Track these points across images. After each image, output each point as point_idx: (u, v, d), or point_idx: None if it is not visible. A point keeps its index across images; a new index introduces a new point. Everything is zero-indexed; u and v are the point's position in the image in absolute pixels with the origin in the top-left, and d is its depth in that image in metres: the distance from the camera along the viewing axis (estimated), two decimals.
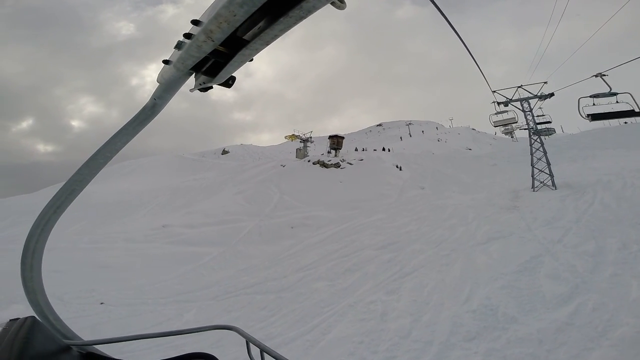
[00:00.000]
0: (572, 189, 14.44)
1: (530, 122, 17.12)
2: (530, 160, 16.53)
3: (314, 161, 24.55)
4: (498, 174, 22.89)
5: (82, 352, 1.17)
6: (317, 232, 15.44)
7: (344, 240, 13.26)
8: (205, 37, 0.72)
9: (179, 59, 0.82)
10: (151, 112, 1.02)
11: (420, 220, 13.64)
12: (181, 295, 10.13)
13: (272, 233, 16.36)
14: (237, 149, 56.94)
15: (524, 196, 14.61)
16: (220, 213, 20.52)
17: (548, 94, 16.63)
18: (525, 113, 17.22)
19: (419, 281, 8.36)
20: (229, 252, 14.72)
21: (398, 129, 61.72)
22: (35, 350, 0.89)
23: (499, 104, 17.99)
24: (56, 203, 1.14)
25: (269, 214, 18.67)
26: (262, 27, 0.72)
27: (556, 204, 12.50)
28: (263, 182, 23.87)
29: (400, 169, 23.49)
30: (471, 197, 16.56)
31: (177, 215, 22.72)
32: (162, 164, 48.75)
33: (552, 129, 25.09)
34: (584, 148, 25.44)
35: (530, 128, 17.14)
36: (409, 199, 17.90)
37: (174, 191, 30.54)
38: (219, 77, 0.86)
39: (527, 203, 13.37)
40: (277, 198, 20.49)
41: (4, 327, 0.96)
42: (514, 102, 17.60)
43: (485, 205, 14.16)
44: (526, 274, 7.74)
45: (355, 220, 15.75)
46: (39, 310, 1.23)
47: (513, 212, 12.39)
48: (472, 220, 12.36)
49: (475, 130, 55.81)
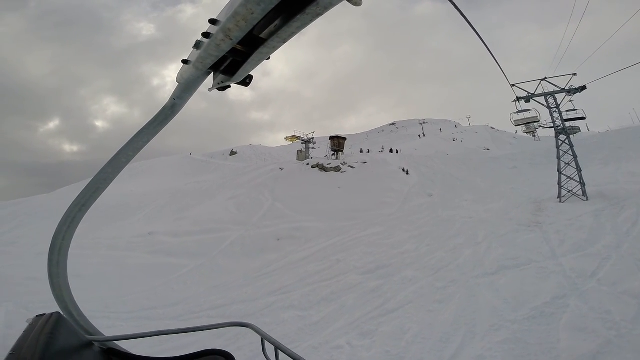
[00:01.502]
0: (608, 200, 11.95)
1: (557, 120, 14.60)
2: (557, 165, 14.03)
3: (313, 164, 22.72)
4: (518, 178, 20.29)
5: (104, 347, 1.25)
6: (304, 247, 13.76)
7: (329, 260, 11.45)
8: (223, 35, 0.72)
9: (198, 58, 0.83)
10: (171, 112, 1.04)
11: (421, 238, 11.59)
12: (145, 312, 9.42)
13: (256, 245, 14.91)
14: (246, 149, 55.75)
15: (549, 208, 12.24)
16: (208, 221, 19.29)
17: (578, 87, 14.11)
18: (550, 110, 14.72)
19: (402, 323, 6.74)
20: (207, 265, 13.63)
21: (412, 128, 58.85)
22: (60, 345, 0.93)
23: (520, 99, 15.55)
24: (81, 201, 1.18)
25: (256, 223, 17.10)
26: (278, 25, 0.72)
27: (589, 221, 10.15)
28: (258, 187, 22.34)
29: (407, 173, 21.27)
30: (485, 207, 14.29)
31: (167, 222, 21.63)
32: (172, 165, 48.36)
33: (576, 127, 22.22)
34: (617, 149, 22.29)
35: (557, 127, 14.60)
36: (413, 209, 15.80)
37: (174, 194, 29.61)
38: (237, 76, 0.86)
39: (553, 218, 11.04)
40: (268, 205, 18.88)
41: (30, 323, 1.01)
42: (537, 97, 15.14)
43: (500, 219, 11.91)
44: (542, 322, 5.92)
45: (347, 234, 13.89)
46: (64, 307, 1.28)
47: (534, 231, 10.15)
48: (482, 240, 10.23)
49: (494, 129, 52.04)
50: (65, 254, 1.24)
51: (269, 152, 52.95)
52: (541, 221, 10.88)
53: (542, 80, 15.08)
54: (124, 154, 1.11)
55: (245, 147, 56.81)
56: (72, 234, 1.23)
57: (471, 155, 29.97)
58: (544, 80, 15.03)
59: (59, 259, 1.22)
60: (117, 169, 1.14)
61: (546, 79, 15.01)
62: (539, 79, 15.16)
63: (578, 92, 14.13)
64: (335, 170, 21.72)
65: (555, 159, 14.71)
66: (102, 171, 1.14)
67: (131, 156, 1.13)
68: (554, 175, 14.50)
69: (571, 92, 14.22)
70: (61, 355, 0.93)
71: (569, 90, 14.25)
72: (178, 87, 0.98)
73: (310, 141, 28.46)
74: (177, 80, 0.97)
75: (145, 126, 1.07)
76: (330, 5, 0.63)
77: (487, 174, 22.09)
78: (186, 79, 0.93)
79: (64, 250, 1.23)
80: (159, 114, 1.05)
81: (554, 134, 14.81)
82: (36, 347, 0.85)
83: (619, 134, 26.32)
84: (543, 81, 15.03)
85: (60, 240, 1.21)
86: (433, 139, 42.53)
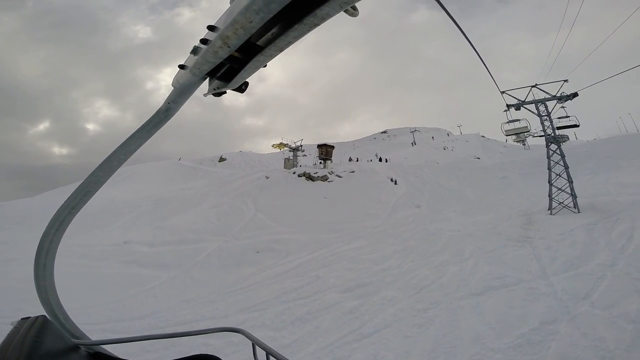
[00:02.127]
0: (599, 212, 11.46)
1: (548, 129, 14.18)
2: (548, 177, 13.54)
3: (299, 173, 22.02)
4: (508, 188, 19.86)
5: (90, 351, 1.20)
6: (283, 260, 13.02)
7: (308, 275, 10.73)
8: (221, 42, 0.72)
9: (195, 64, 0.83)
10: (165, 115, 1.04)
11: (406, 253, 10.94)
12: (109, 324, 9.05)
13: (233, 257, 14.13)
14: (235, 156, 54.90)
15: (539, 221, 11.70)
16: (187, 230, 18.49)
17: (570, 94, 13.74)
18: (541, 117, 14.32)
19: (376, 350, 6.16)
20: (180, 277, 12.95)
21: (403, 136, 58.72)
22: (45, 349, 0.91)
23: (510, 107, 15.16)
24: (71, 204, 1.17)
25: (236, 235, 16.31)
26: (275, 34, 0.73)
27: (581, 235, 9.61)
28: (242, 195, 21.56)
29: (396, 183, 20.71)
30: (474, 219, 13.72)
31: (145, 230, 20.75)
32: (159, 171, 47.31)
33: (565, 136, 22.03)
34: (606, 158, 22.06)
35: (548, 135, 14.17)
36: (400, 221, 15.18)
37: (157, 201, 28.66)
38: (233, 82, 0.87)
39: (543, 232, 10.49)
40: (250, 215, 18.09)
41: (15, 326, 0.98)
42: (528, 105, 14.75)
43: (489, 233, 11.33)
44: (527, 351, 5.40)
45: (330, 248, 13.19)
46: (49, 310, 1.27)
47: (524, 247, 9.56)
48: (468, 256, 9.62)
49: (484, 138, 52.01)
50: (53, 256, 1.23)
51: (259, 159, 52.18)
52: (531, 235, 10.32)
53: (532, 87, 14.72)
54: (115, 157, 1.11)
55: (235, 154, 55.96)
56: (60, 236, 1.22)
57: (461, 165, 29.63)
58: (534, 87, 14.68)
59: (46, 261, 1.22)
60: (108, 172, 1.14)
61: (537, 85, 14.66)
62: (530, 85, 14.81)
63: (569, 100, 13.78)
64: (322, 179, 21.07)
65: (545, 169, 14.29)
66: (93, 174, 1.14)
67: (123, 159, 1.13)
68: (544, 185, 14.05)
69: (562, 99, 13.86)
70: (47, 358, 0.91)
71: (560, 97, 13.89)
72: (173, 92, 0.98)
73: (298, 149, 27.81)
74: (173, 84, 0.97)
75: (138, 130, 1.07)
76: (328, 16, 0.64)
77: (476, 184, 21.64)
78: (182, 83, 0.93)
79: (52, 253, 1.22)
80: (152, 118, 1.05)
81: (545, 143, 14.39)
82: (21, 350, 0.83)
83: (608, 142, 26.20)
84: (534, 88, 14.68)
85: (48, 243, 1.20)
86: (424, 147, 42.27)
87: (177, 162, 52.86)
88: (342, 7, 0.62)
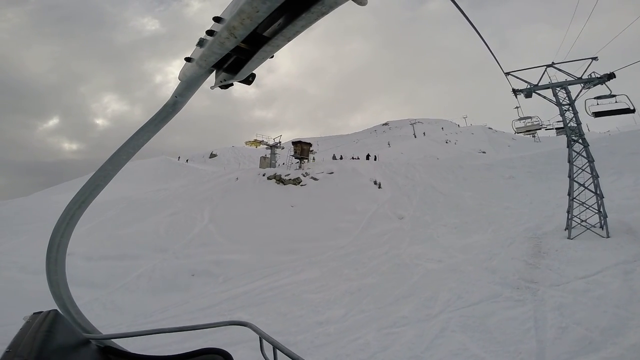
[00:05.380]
0: (638, 237, 8.18)
1: (572, 122, 10.62)
2: (569, 187, 10.09)
3: (269, 175, 18.95)
4: (515, 192, 16.47)
5: (101, 345, 1.24)
6: (217, 289, 10.90)
7: (231, 318, 7.81)
8: (228, 33, 0.71)
9: (202, 56, 0.82)
10: (172, 109, 1.04)
11: (360, 296, 7.93)
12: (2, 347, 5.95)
13: (165, 280, 12.03)
14: (227, 151, 52.18)
15: (552, 251, 8.46)
16: (131, 244, 16.19)
17: (603, 75, 10.16)
18: (561, 107, 10.76)
19: None
20: (102, 300, 11.39)
21: (405, 128, 54.79)
22: (56, 343, 0.92)
23: (518, 92, 11.61)
24: (80, 198, 1.18)
25: (177, 251, 13.70)
26: (282, 24, 0.71)
27: (615, 284, 6.38)
28: (202, 202, 18.75)
29: (379, 187, 17.47)
30: (465, 241, 10.56)
31: (96, 239, 18.39)
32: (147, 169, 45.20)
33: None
34: (630, 155, 18.35)
35: (571, 130, 10.60)
36: (371, 241, 12.09)
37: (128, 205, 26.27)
38: (240, 74, 0.85)
39: (556, 274, 7.26)
40: (200, 227, 15.29)
41: (27, 320, 1.00)
42: (542, 90, 11.20)
43: (479, 269, 8.16)
44: None
45: (275, 277, 10.33)
46: (61, 304, 1.29)
47: (523, 301, 6.39)
48: (439, 310, 6.56)
49: (492, 130, 47.57)
50: (64, 251, 1.23)
51: (250, 154, 49.14)
52: (537, 279, 7.12)
53: (548, 67, 11.16)
54: (124, 152, 1.10)
55: (227, 149, 53.26)
56: (70, 231, 1.23)
57: (463, 160, 26.06)
58: (550, 67, 11.13)
59: (57, 256, 1.22)
60: (117, 166, 1.13)
61: (554, 65, 11.10)
62: (544, 65, 11.27)
63: (601, 83, 10.17)
64: (294, 182, 17.98)
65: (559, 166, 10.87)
66: (102, 168, 1.13)
67: (132, 153, 1.12)
68: (559, 189, 10.83)
69: (591, 83, 10.27)
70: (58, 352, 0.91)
71: (588, 80, 10.31)
72: (180, 85, 0.97)
73: (276, 146, 24.65)
74: (180, 77, 0.96)
75: (146, 124, 1.07)
76: (336, 5, 0.62)
77: (477, 185, 18.26)
78: (189, 76, 0.92)
79: (63, 247, 1.22)
80: (160, 112, 1.04)
81: (566, 140, 10.77)
82: (33, 344, 0.84)
83: (631, 136, 22.24)
84: (550, 68, 11.13)
85: (59, 238, 1.20)
86: (425, 140, 38.58)
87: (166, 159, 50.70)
88: None
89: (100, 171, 1.13)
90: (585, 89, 10.38)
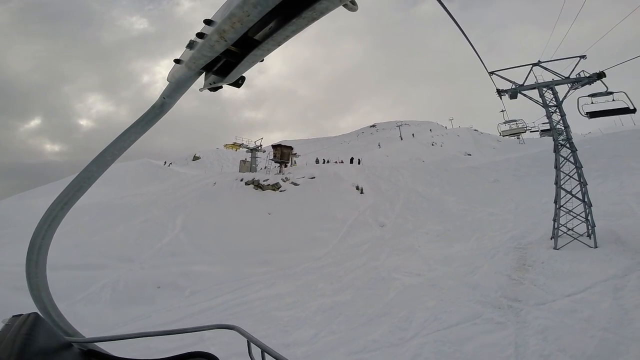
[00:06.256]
0: (628, 249, 7.69)
1: (559, 125, 10.08)
2: (555, 195, 9.52)
3: (247, 181, 18.09)
4: (500, 196, 16.06)
5: (83, 349, 1.18)
6: (182, 302, 10.10)
7: (187, 339, 6.97)
8: (218, 36, 0.71)
9: (191, 58, 0.81)
10: (160, 110, 1.02)
11: (332, 315, 7.20)
12: None
13: (128, 292, 11.26)
14: (210, 154, 50.94)
15: (537, 264, 7.90)
16: (98, 253, 15.27)
17: (592, 75, 9.66)
18: (547, 109, 10.21)
19: None
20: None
21: (392, 130, 54.54)
22: (37, 347, 0.89)
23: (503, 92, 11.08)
24: (63, 199, 1.13)
25: (144, 262, 12.80)
26: (273, 28, 0.71)
27: (605, 302, 5.82)
28: (176, 208, 17.77)
29: (362, 192, 16.82)
30: (447, 251, 9.97)
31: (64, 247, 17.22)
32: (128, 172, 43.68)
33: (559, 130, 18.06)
34: (614, 157, 18.24)
35: (559, 134, 10.02)
36: (350, 251, 11.39)
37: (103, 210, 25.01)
38: (229, 77, 0.85)
39: (540, 290, 6.68)
40: (171, 236, 14.35)
41: (6, 323, 0.96)
42: (528, 90, 10.68)
43: (460, 284, 7.53)
44: None
45: (246, 290, 9.61)
46: (41, 307, 1.23)
47: (503, 325, 5.75)
48: (413, 334, 5.92)
49: (477, 132, 47.68)
50: (45, 253, 1.19)
51: (234, 156, 47.96)
52: (521, 297, 6.52)
53: (534, 66, 10.67)
54: (109, 153, 1.08)
55: (211, 151, 52.03)
56: (52, 233, 1.18)
57: (449, 163, 25.72)
58: (536, 66, 10.65)
59: (38, 258, 1.17)
60: (102, 167, 1.11)
61: (540, 63, 10.62)
62: (530, 63, 10.79)
63: (590, 83, 9.66)
64: (273, 188, 17.16)
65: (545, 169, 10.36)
66: (86, 169, 1.09)
67: (117, 155, 1.09)
68: (545, 193, 10.36)
69: (579, 82, 9.75)
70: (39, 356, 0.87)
71: (576, 80, 9.78)
72: (168, 86, 0.96)
73: (257, 149, 23.75)
74: (168, 79, 0.95)
75: (132, 125, 1.04)
76: (327, 10, 0.62)
77: (462, 189, 17.81)
78: (177, 78, 0.91)
79: (44, 249, 1.17)
80: (147, 113, 1.02)
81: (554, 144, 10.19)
82: (12, 347, 0.80)
83: (614, 138, 22.23)
84: (536, 67, 10.65)
85: (40, 239, 1.15)
86: (411, 142, 38.21)
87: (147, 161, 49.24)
88: (341, 1, 0.61)
89: (84, 172, 1.08)
90: (573, 89, 9.90)
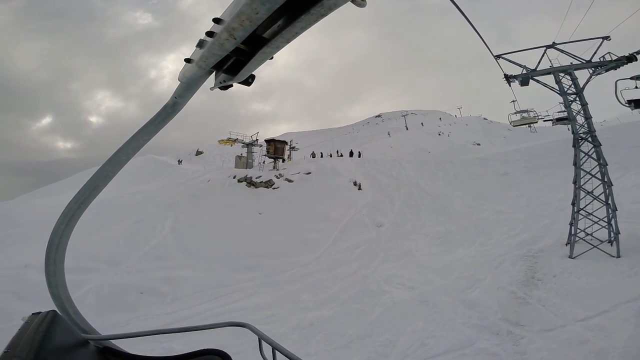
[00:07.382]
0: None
1: (579, 115, 8.75)
2: (573, 196, 8.29)
3: (240, 178, 17.30)
4: (509, 191, 14.87)
5: (99, 346, 1.22)
6: (163, 310, 9.75)
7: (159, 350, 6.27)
8: (227, 34, 0.71)
9: (201, 57, 0.82)
10: (172, 110, 1.03)
11: (309, 336, 6.41)
12: None
13: (112, 298, 10.96)
14: (213, 148, 50.33)
15: (549, 277, 6.88)
16: (88, 255, 14.90)
17: (621, 57, 8.25)
18: (566, 97, 8.89)
19: None
20: None
21: (398, 120, 52.82)
22: (55, 344, 0.91)
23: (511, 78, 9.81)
24: (80, 199, 1.15)
25: (130, 265, 12.36)
26: (282, 25, 0.71)
27: (626, 328, 4.80)
28: (168, 208, 17.17)
29: (360, 188, 15.84)
30: (447, 258, 9.01)
31: None
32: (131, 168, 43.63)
33: None
34: (633, 148, 16.66)
35: (579, 126, 8.61)
36: (342, 256, 10.52)
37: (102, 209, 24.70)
38: (239, 75, 0.85)
39: (550, 311, 5.68)
40: (159, 238, 13.76)
41: (26, 321, 0.97)
42: (541, 75, 9.38)
43: (456, 302, 6.57)
44: None
45: (225, 300, 9.08)
46: (59, 304, 1.27)
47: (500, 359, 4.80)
48: None
49: (487, 120, 45.61)
50: (63, 251, 1.21)
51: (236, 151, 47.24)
52: (524, 320, 5.55)
53: (548, 48, 9.30)
54: (124, 152, 1.09)
55: (214, 146, 51.42)
56: (70, 232, 1.20)
57: (455, 154, 24.37)
58: (551, 48, 9.27)
59: (56, 256, 1.20)
60: (117, 166, 1.12)
61: (555, 45, 9.23)
62: (544, 45, 9.42)
63: (616, 67, 8.26)
64: (265, 185, 16.33)
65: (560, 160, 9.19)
66: (101, 169, 1.11)
67: (131, 154, 1.10)
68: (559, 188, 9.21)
69: (603, 67, 8.39)
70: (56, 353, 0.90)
71: (600, 64, 8.39)
72: (180, 86, 0.97)
73: (253, 144, 22.91)
74: (179, 78, 0.96)
75: (145, 124, 1.06)
76: (335, 6, 0.62)
77: (469, 184, 16.63)
78: (188, 77, 0.92)
79: (62, 248, 1.20)
80: (160, 112, 1.03)
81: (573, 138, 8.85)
82: (31, 345, 0.83)
83: (632, 127, 20.46)
84: (550, 49, 9.29)
85: (58, 238, 1.17)
86: (417, 132, 36.74)
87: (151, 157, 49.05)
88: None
89: (100, 171, 1.10)
90: (595, 74, 8.56)
